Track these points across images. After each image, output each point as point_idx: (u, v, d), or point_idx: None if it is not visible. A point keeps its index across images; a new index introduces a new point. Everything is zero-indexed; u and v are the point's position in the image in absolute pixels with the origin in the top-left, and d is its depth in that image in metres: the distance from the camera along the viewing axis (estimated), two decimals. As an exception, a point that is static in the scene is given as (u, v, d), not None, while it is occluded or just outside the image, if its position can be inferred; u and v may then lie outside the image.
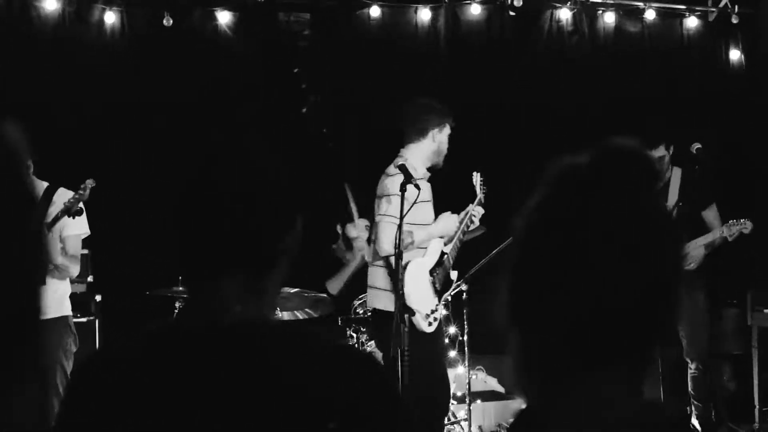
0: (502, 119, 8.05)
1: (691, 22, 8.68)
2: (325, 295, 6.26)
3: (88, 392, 1.58)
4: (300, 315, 6.26)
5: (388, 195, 5.26)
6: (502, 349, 1.33)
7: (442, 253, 5.51)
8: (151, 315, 6.29)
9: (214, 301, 1.59)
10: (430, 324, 5.35)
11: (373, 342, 6.06)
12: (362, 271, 6.76)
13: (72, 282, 6.59)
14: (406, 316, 5.15)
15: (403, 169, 5.09)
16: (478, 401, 6.64)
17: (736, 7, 8.44)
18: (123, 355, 1.62)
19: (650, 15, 8.50)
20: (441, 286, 5.47)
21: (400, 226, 4.96)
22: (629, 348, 1.26)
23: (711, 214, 6.36)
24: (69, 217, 5.24)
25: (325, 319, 6.35)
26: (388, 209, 5.23)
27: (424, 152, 5.47)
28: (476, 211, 5.56)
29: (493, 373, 6.80)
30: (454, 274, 5.64)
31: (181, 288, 6.04)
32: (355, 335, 6.17)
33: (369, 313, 6.23)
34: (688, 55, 8.69)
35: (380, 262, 5.39)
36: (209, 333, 1.56)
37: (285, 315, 6.05)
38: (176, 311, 6.15)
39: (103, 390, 1.56)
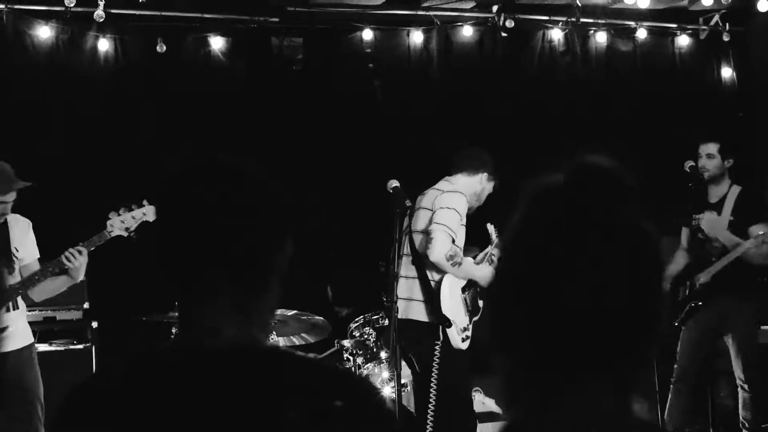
0: (495, 140, 8.07)
1: (683, 41, 8.73)
2: (322, 319, 6.25)
3: (78, 419, 1.57)
4: (296, 341, 6.24)
5: (447, 207, 5.39)
6: (499, 355, 1.34)
7: None
8: (147, 341, 6.27)
9: (204, 323, 1.58)
10: (463, 340, 5.46)
11: (369, 365, 6.06)
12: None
13: (68, 309, 6.60)
14: (440, 327, 5.35)
15: (396, 191, 5.22)
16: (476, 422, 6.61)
17: (727, 25, 8.50)
18: (113, 380, 1.60)
19: (642, 34, 8.54)
20: (471, 308, 5.58)
21: (397, 246, 5.11)
22: (614, 361, 1.27)
23: (755, 230, 6.01)
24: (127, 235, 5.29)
25: (321, 342, 6.33)
26: (445, 220, 5.35)
27: (471, 187, 5.66)
28: (495, 252, 5.78)
29: (491, 394, 6.77)
30: (481, 303, 5.74)
31: (177, 314, 6.02)
32: (351, 358, 6.15)
33: (365, 336, 6.22)
34: (680, 73, 8.73)
35: (415, 274, 5.48)
36: (198, 357, 1.55)
37: (281, 341, 6.03)
38: (173, 337, 6.13)
39: (93, 416, 1.54)
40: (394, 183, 5.33)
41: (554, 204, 1.30)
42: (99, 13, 7.14)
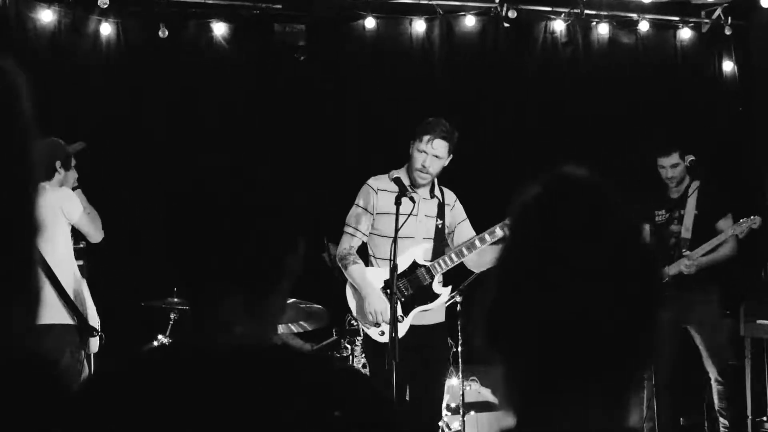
0: (496, 130, 8.08)
1: (685, 34, 8.71)
2: (321, 307, 6.27)
3: (90, 410, 1.56)
4: (294, 328, 6.27)
5: (355, 204, 5.44)
6: (494, 360, 1.35)
7: (416, 265, 5.36)
8: (145, 326, 6.29)
9: (214, 321, 1.58)
10: (382, 333, 5.21)
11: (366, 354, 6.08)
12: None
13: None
14: (358, 325, 5.35)
15: (398, 182, 5.15)
16: (472, 412, 6.62)
17: (730, 18, 8.47)
18: (122, 379, 1.59)
19: (644, 26, 8.53)
20: (407, 297, 5.28)
21: (395, 240, 4.98)
22: (603, 371, 1.27)
23: (724, 224, 6.39)
24: None
25: (319, 331, 6.36)
26: (348, 218, 5.44)
27: (408, 165, 5.44)
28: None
29: (487, 384, 6.79)
30: (442, 290, 5.43)
31: (176, 299, 6.05)
32: (349, 347, 6.18)
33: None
34: (681, 66, 8.72)
35: None
36: (208, 355, 1.55)
37: (280, 327, 6.05)
38: (171, 322, 6.16)
39: (104, 410, 1.54)
40: (396, 173, 5.31)
41: (535, 217, 1.31)
42: (103, -1, 7.14)
